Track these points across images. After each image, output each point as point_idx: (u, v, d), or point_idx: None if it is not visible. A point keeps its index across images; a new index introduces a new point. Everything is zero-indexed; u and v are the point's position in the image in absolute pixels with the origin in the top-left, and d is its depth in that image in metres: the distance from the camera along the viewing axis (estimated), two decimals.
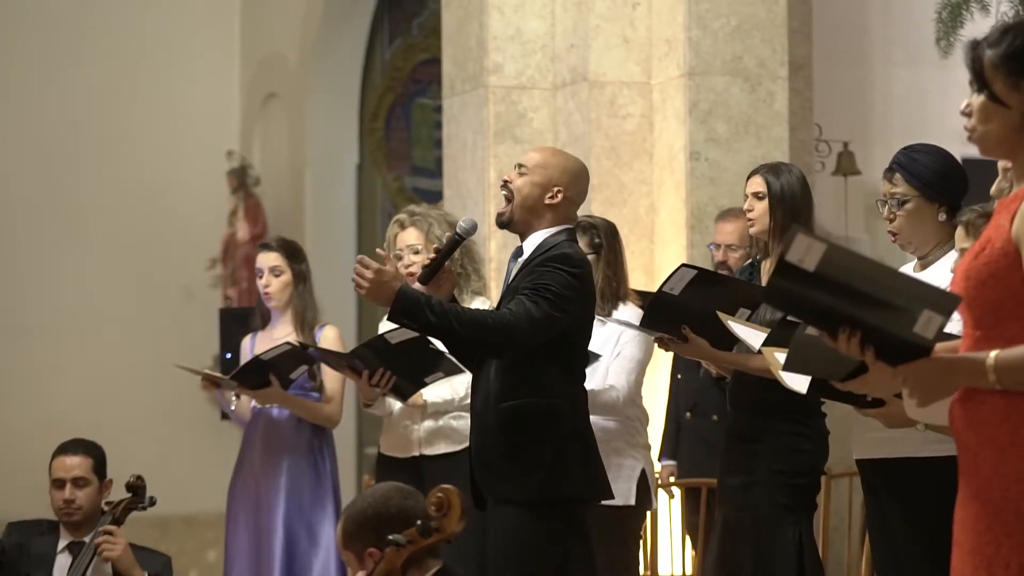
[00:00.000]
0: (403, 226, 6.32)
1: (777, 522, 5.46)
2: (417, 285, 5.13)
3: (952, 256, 4.88)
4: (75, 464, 6.18)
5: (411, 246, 6.26)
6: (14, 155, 11.83)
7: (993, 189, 4.69)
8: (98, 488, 6.20)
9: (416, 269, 6.15)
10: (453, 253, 5.22)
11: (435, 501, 4.27)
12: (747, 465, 5.51)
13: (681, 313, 5.41)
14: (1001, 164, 4.59)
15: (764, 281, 5.60)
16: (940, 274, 4.87)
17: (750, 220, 5.59)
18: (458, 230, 5.18)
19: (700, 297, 5.37)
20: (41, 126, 11.87)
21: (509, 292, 5.07)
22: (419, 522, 4.24)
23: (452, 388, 6.22)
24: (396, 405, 6.26)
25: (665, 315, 5.44)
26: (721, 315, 5.29)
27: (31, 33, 11.85)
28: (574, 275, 5.00)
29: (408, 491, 4.42)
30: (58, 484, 6.19)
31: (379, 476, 6.42)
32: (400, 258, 6.26)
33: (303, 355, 6.53)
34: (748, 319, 5.37)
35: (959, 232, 4.69)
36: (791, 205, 5.52)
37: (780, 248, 5.29)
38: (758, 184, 5.57)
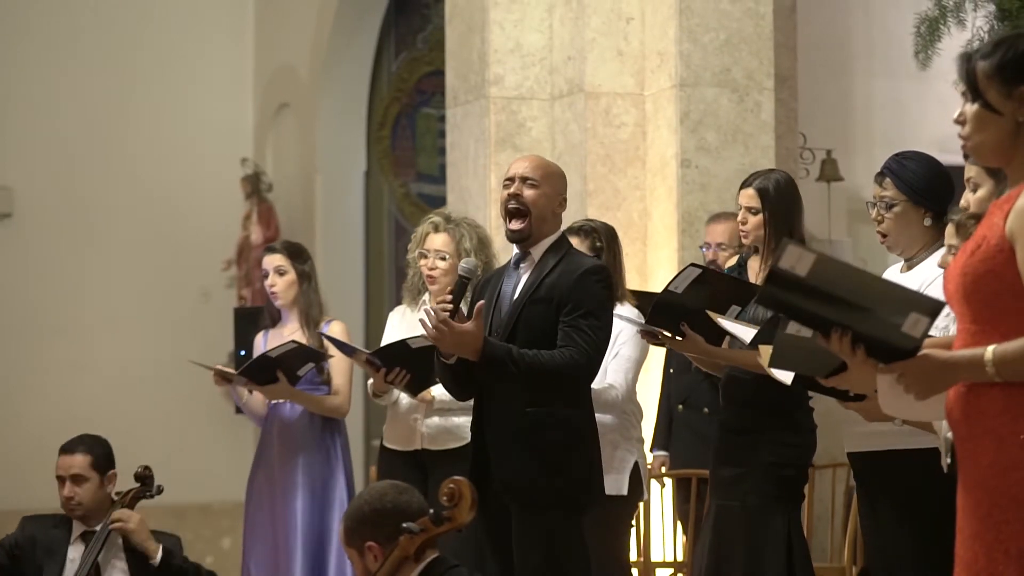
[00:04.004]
0: (437, 229, 6.22)
1: (767, 512, 5.44)
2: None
3: (939, 252, 4.87)
4: (74, 463, 6.17)
5: (439, 251, 6.17)
6: (39, 162, 11.81)
7: (962, 201, 4.69)
8: (99, 483, 6.17)
9: (439, 274, 6.13)
10: (463, 295, 5.15)
11: (447, 492, 4.26)
12: (739, 457, 5.49)
13: (681, 311, 5.39)
14: (967, 176, 4.61)
15: (752, 277, 5.60)
16: (926, 273, 4.86)
17: (744, 232, 5.56)
18: (463, 273, 5.14)
19: (700, 295, 5.36)
20: (65, 134, 11.86)
21: (541, 302, 5.04)
22: (432, 511, 4.24)
23: None
24: (403, 398, 6.24)
25: (668, 313, 5.43)
26: (711, 314, 5.28)
27: (58, 46, 11.83)
28: (607, 286, 5.12)
29: (403, 487, 4.42)
30: (60, 481, 6.20)
31: (381, 468, 6.39)
32: (425, 257, 6.21)
33: (309, 352, 6.52)
34: (738, 316, 5.36)
35: (949, 229, 4.70)
36: (786, 215, 5.50)
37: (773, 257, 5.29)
38: (752, 198, 5.53)
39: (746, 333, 5.12)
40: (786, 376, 4.63)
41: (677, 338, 5.45)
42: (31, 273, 11.74)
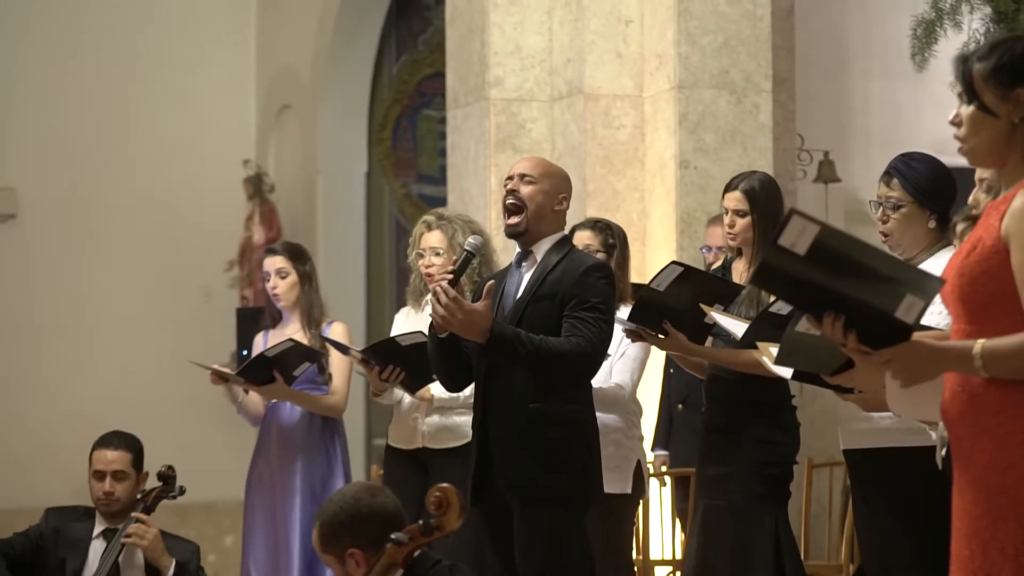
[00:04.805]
0: (430, 228, 6.26)
1: (754, 510, 5.44)
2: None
3: (941, 253, 4.88)
4: (116, 458, 6.12)
5: (434, 248, 6.21)
6: (43, 163, 11.82)
7: (971, 199, 4.69)
8: (135, 481, 6.16)
9: (435, 271, 6.15)
10: (466, 270, 5.19)
11: (434, 500, 4.24)
12: (724, 456, 5.49)
13: (664, 308, 5.40)
14: (978, 175, 4.60)
15: (736, 279, 5.61)
16: (932, 271, 4.86)
17: (731, 234, 5.57)
18: (469, 248, 5.17)
19: (682, 293, 5.37)
20: (67, 135, 11.87)
21: (544, 298, 5.06)
22: (420, 521, 4.22)
23: None
24: (405, 397, 6.25)
25: (651, 310, 5.43)
26: (704, 307, 5.28)
27: (58, 46, 11.84)
28: (610, 283, 5.11)
29: (375, 488, 4.40)
30: (98, 476, 6.13)
31: (386, 466, 6.42)
32: (422, 256, 6.24)
33: (306, 351, 6.52)
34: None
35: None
36: (774, 215, 5.51)
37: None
38: (739, 201, 5.54)
39: (737, 327, 5.12)
40: (785, 371, 4.62)
41: (660, 336, 5.46)
42: (35, 273, 11.74)
